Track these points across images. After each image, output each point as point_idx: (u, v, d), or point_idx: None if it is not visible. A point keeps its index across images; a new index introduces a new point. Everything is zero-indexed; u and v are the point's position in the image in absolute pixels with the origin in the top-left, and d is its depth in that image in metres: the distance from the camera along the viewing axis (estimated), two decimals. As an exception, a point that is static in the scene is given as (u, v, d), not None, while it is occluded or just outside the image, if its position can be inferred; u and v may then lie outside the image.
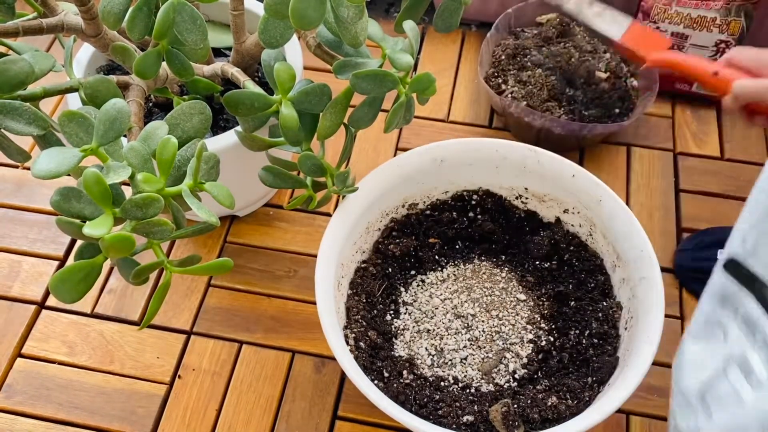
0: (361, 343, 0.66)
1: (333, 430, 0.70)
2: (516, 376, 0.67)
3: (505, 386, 0.66)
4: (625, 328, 0.65)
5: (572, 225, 0.72)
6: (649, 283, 0.62)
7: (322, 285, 0.62)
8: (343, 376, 0.73)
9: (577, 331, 0.68)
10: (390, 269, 0.72)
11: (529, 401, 0.62)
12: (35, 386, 0.73)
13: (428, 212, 0.75)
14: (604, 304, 0.68)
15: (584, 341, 0.67)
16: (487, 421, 0.62)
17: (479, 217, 0.75)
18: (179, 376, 0.73)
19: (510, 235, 0.75)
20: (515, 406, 0.62)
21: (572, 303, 0.70)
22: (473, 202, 0.75)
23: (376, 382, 0.64)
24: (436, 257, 0.74)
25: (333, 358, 0.73)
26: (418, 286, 0.73)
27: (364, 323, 0.67)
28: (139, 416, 0.71)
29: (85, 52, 0.75)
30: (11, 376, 0.74)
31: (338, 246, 0.65)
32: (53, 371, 0.74)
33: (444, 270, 0.73)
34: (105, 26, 0.57)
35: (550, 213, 0.73)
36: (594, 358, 0.65)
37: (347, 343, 0.64)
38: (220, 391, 0.72)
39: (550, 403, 0.62)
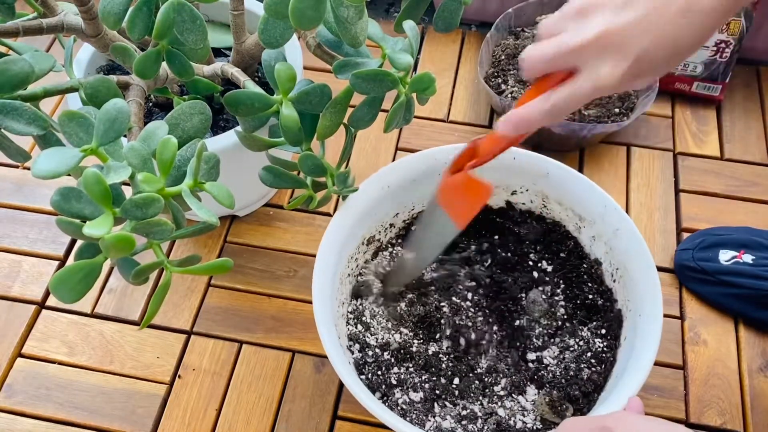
0: (359, 353, 0.66)
1: (333, 430, 0.70)
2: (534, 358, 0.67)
3: (531, 369, 0.66)
4: (614, 281, 0.67)
5: (523, 203, 0.73)
6: (625, 232, 0.65)
7: (319, 297, 0.61)
8: (343, 376, 0.73)
9: (571, 297, 0.69)
10: None
11: (563, 381, 0.64)
12: (35, 386, 0.73)
13: (394, 241, 0.74)
14: (585, 266, 0.70)
15: (583, 306, 0.68)
16: (496, 420, 0.62)
17: None
18: (179, 376, 0.73)
19: (469, 236, 0.74)
20: (555, 391, 0.63)
21: (555, 278, 0.71)
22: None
23: (377, 393, 0.64)
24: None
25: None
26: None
27: (364, 334, 0.67)
28: (139, 416, 0.71)
29: (85, 52, 0.75)
30: (11, 376, 0.74)
31: (334, 258, 0.65)
32: (53, 371, 0.74)
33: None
34: (105, 26, 0.57)
35: (498, 200, 0.74)
36: (600, 316, 0.67)
37: (349, 350, 0.65)
38: (220, 391, 0.72)
39: (585, 377, 0.64)
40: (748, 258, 0.75)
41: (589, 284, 0.70)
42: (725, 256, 0.76)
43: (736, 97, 0.94)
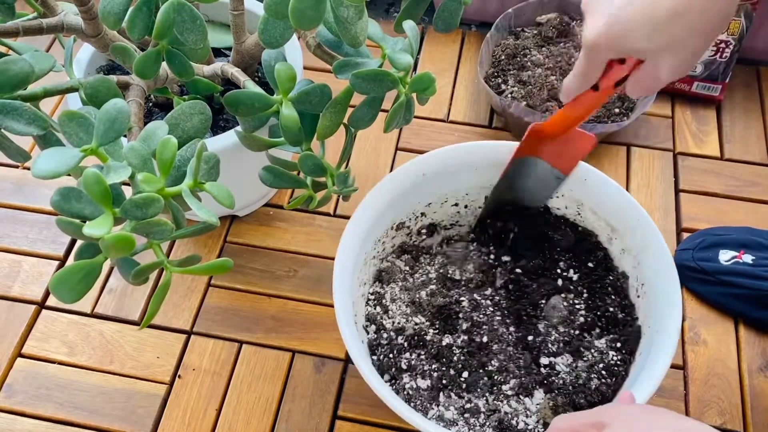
0: (375, 334, 0.66)
1: (333, 430, 0.70)
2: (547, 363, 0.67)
3: (542, 373, 0.66)
4: (638, 296, 0.66)
5: (558, 208, 0.73)
6: (655, 249, 0.63)
7: (340, 271, 0.61)
8: (343, 376, 0.73)
9: (593, 307, 0.69)
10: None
11: (570, 388, 0.63)
12: (35, 386, 0.73)
13: (423, 232, 0.75)
14: (611, 278, 0.69)
15: (603, 318, 0.68)
16: (499, 418, 0.62)
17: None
18: (179, 376, 0.74)
19: (505, 236, 0.75)
20: (561, 397, 0.63)
21: (579, 287, 0.71)
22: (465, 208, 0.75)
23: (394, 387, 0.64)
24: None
25: (333, 358, 0.74)
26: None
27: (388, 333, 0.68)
28: (139, 416, 0.71)
29: (85, 52, 0.75)
30: (11, 376, 0.74)
31: (361, 236, 0.65)
32: (53, 371, 0.74)
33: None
34: (105, 26, 0.57)
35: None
36: (618, 330, 0.67)
37: (365, 330, 0.65)
38: (220, 391, 0.72)
39: (594, 387, 0.63)
40: (748, 258, 0.75)
41: (613, 297, 0.69)
42: (725, 256, 0.76)
43: (736, 97, 0.94)
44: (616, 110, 0.87)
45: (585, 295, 0.70)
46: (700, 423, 0.42)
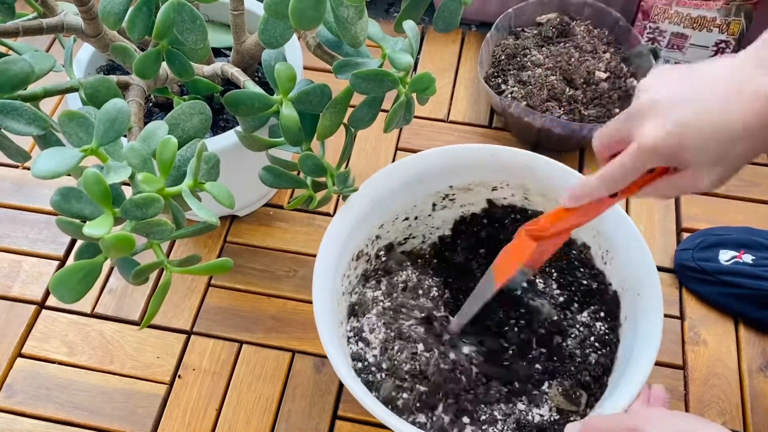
0: (364, 374, 0.65)
1: (333, 430, 0.70)
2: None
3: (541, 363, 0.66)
4: (605, 263, 0.67)
5: (504, 198, 0.72)
6: (610, 213, 0.62)
7: (322, 318, 0.60)
8: (343, 376, 0.73)
9: (565, 285, 0.70)
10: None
11: (572, 369, 0.64)
12: (35, 386, 0.73)
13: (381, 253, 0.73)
14: (573, 252, 0.70)
15: (578, 293, 0.69)
16: (516, 419, 0.62)
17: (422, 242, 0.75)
18: (179, 376, 0.74)
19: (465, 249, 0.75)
20: (567, 381, 0.63)
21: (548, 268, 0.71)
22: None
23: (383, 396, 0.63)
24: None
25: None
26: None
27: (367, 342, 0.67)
28: (139, 416, 0.71)
29: (85, 52, 0.75)
30: (11, 376, 0.74)
31: (330, 274, 0.64)
32: (53, 371, 0.74)
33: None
34: (105, 26, 0.57)
35: (480, 199, 0.73)
36: (596, 300, 0.67)
37: (354, 370, 0.64)
38: (220, 391, 0.72)
39: (593, 361, 0.64)
40: (748, 258, 0.75)
41: (581, 269, 0.70)
42: (725, 256, 0.76)
43: (736, 97, 0.94)
44: (616, 110, 0.87)
45: (554, 274, 0.71)
46: (727, 430, 0.43)
